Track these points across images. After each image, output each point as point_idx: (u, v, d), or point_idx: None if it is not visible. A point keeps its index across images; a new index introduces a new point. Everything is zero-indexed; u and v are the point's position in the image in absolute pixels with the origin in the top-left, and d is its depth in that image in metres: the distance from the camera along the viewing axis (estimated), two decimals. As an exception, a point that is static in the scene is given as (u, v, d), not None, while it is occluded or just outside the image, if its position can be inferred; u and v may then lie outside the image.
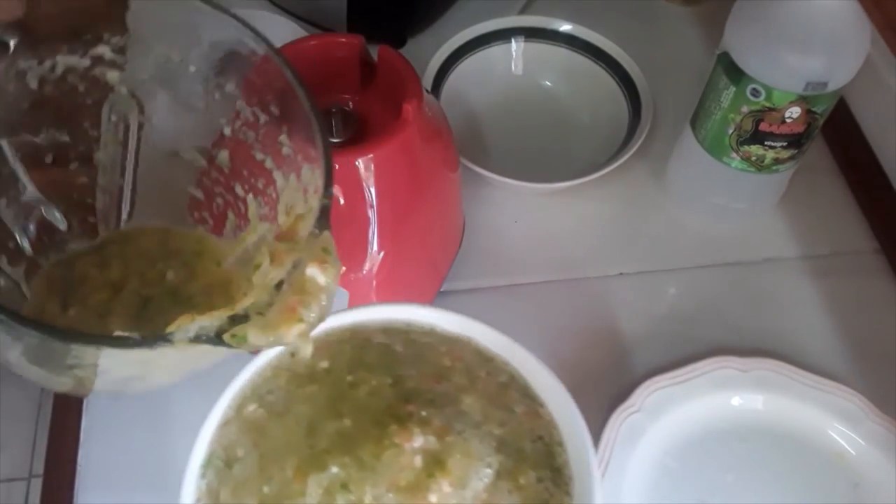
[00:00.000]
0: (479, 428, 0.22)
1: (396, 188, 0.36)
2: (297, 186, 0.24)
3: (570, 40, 0.50)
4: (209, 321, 0.19)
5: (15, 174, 0.28)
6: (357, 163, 0.34)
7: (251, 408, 0.23)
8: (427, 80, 0.47)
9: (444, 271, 0.42)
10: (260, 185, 0.28)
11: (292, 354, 0.23)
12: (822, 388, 0.39)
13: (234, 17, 0.26)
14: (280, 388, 0.23)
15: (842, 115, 0.50)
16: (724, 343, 0.41)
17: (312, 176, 0.23)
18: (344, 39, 0.38)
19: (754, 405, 0.39)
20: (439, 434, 0.21)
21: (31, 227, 0.29)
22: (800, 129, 0.40)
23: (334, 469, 0.21)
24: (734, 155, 0.42)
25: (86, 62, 0.27)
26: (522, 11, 0.54)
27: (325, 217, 0.21)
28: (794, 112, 0.39)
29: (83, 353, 0.20)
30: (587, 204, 0.47)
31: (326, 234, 0.21)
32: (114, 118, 0.29)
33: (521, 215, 0.46)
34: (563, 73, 0.51)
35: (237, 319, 0.19)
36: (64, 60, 0.27)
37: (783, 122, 0.39)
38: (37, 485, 0.85)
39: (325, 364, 0.24)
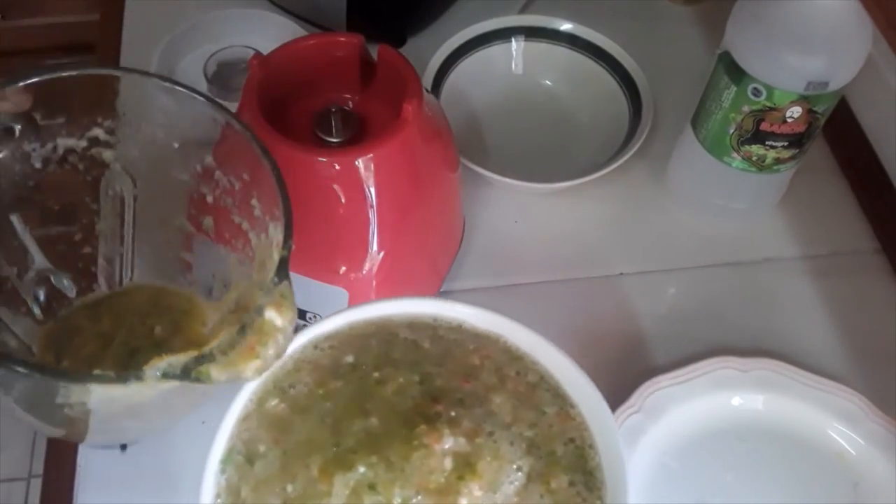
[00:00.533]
0: (510, 429, 0.22)
1: (396, 188, 0.36)
2: (267, 243, 0.26)
3: (570, 40, 0.50)
4: (177, 360, 0.21)
5: (25, 246, 0.31)
6: (357, 163, 0.34)
7: (273, 402, 0.22)
8: (427, 80, 0.47)
9: (444, 271, 0.42)
10: (239, 246, 0.30)
11: (315, 347, 0.23)
12: (822, 388, 0.39)
13: (203, 95, 0.29)
14: (303, 383, 0.23)
15: (843, 114, 0.50)
16: (724, 343, 0.41)
17: (275, 232, 0.25)
18: (344, 39, 0.38)
19: (754, 405, 0.39)
20: (469, 435, 0.21)
21: (42, 294, 0.32)
22: (801, 128, 0.40)
23: (361, 469, 0.20)
24: (735, 155, 0.42)
25: (83, 143, 0.30)
26: (522, 11, 0.54)
27: (283, 268, 0.23)
28: (796, 112, 0.39)
29: (68, 392, 0.22)
30: (587, 204, 0.47)
31: (285, 283, 0.22)
32: (111, 192, 0.31)
33: (521, 215, 0.46)
34: (564, 72, 0.51)
35: (203, 359, 0.21)
36: (63, 142, 0.30)
37: (784, 121, 0.39)
38: (36, 485, 0.85)
39: (350, 359, 0.23)
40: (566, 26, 0.50)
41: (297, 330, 0.22)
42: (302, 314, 0.37)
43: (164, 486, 0.36)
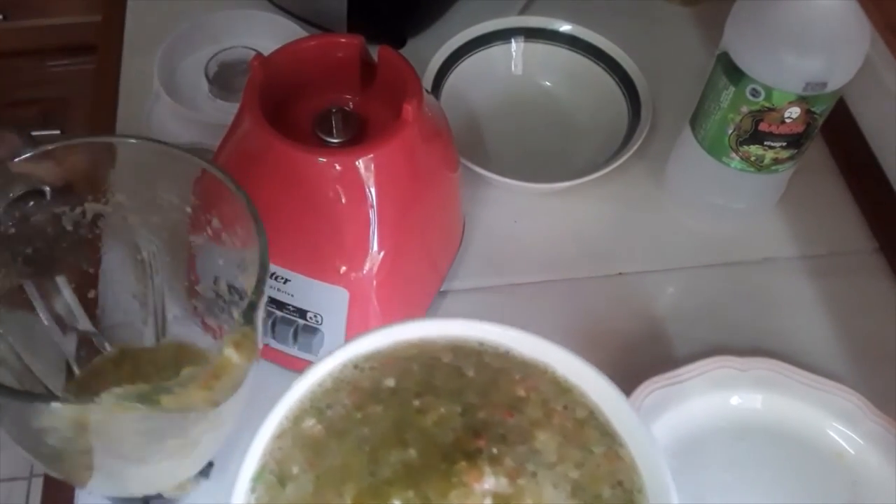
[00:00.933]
0: (554, 469, 0.21)
1: (397, 188, 0.36)
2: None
3: (570, 40, 0.50)
4: (135, 388, 0.22)
5: (70, 308, 0.33)
6: (357, 163, 0.35)
7: (309, 422, 0.21)
8: (427, 81, 0.48)
9: (444, 271, 0.43)
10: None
11: (355, 367, 0.22)
12: (820, 388, 0.39)
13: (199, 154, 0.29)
14: (341, 404, 0.22)
15: (841, 115, 0.50)
16: (723, 343, 0.41)
17: (252, 277, 0.26)
18: (344, 40, 0.38)
19: (753, 405, 0.39)
20: (511, 475, 0.20)
21: (83, 354, 0.33)
22: (799, 129, 0.40)
23: (397, 503, 0.19)
24: (733, 155, 0.42)
25: (109, 208, 0.31)
26: (522, 12, 0.54)
27: (250, 311, 0.24)
28: (794, 112, 0.39)
29: (37, 415, 0.23)
30: (587, 204, 0.47)
31: (249, 327, 0.23)
32: (139, 256, 0.33)
33: (521, 215, 0.47)
34: (563, 73, 0.51)
35: (160, 389, 0.22)
36: (91, 207, 0.31)
37: (782, 122, 0.39)
38: (37, 484, 0.85)
39: (391, 382, 0.22)
40: (566, 27, 0.50)
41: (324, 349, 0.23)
42: (303, 313, 0.37)
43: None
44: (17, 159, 0.28)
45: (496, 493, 0.20)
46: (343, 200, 0.35)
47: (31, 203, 0.29)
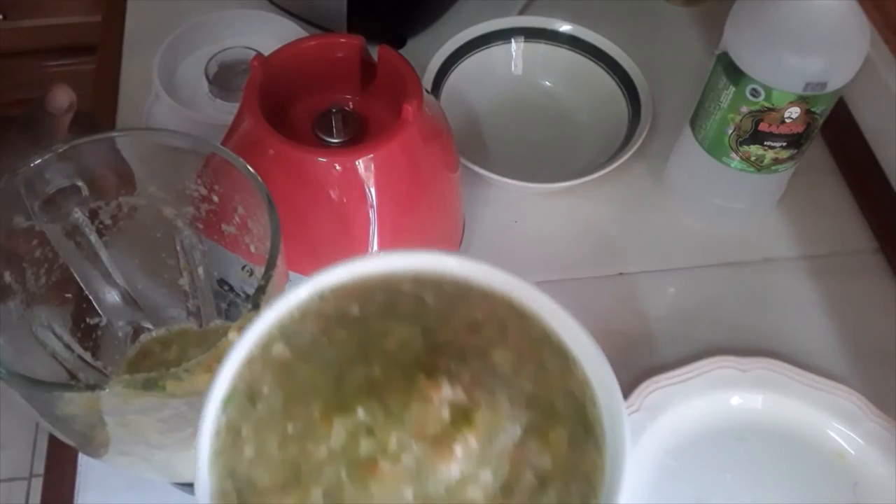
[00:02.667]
0: (509, 383, 0.22)
1: (396, 188, 0.36)
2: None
3: (569, 41, 0.50)
4: (143, 375, 0.23)
5: (118, 298, 0.33)
6: (357, 163, 0.35)
7: (278, 348, 0.22)
8: (427, 81, 0.48)
9: (444, 271, 0.42)
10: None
11: (320, 297, 0.23)
12: (821, 388, 0.39)
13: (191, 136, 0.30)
14: (308, 332, 0.23)
15: (841, 115, 0.50)
16: (723, 343, 0.41)
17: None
18: (344, 40, 0.38)
19: (753, 405, 0.39)
20: (468, 389, 0.21)
21: (129, 340, 0.34)
22: (799, 129, 0.40)
23: (360, 414, 0.20)
24: (733, 155, 0.42)
25: (142, 201, 0.31)
26: (522, 12, 0.54)
27: (258, 296, 0.25)
28: (794, 112, 0.39)
29: (55, 402, 0.24)
30: (587, 204, 0.47)
31: (255, 312, 0.24)
32: (178, 248, 0.33)
33: (521, 215, 0.47)
34: (563, 73, 0.51)
35: (167, 375, 0.23)
36: (126, 200, 0.32)
37: (782, 122, 0.39)
38: (37, 484, 0.85)
39: (355, 310, 0.23)
40: (565, 27, 0.50)
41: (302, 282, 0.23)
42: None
43: (165, 487, 0.36)
44: (47, 155, 0.28)
45: (454, 402, 0.21)
46: (343, 200, 0.35)
47: (69, 199, 0.30)
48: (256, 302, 0.25)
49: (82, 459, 0.38)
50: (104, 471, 0.37)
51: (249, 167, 0.28)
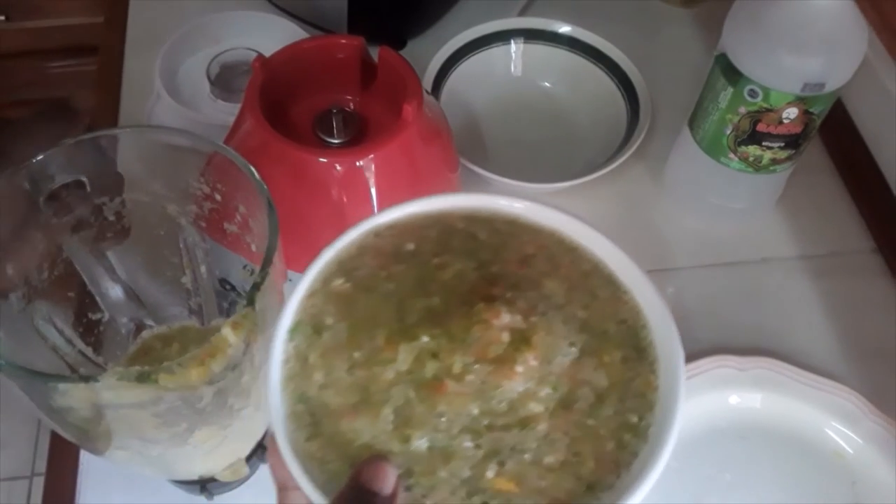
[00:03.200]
0: (563, 310, 0.23)
1: (397, 188, 0.36)
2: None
3: (569, 42, 0.50)
4: (137, 368, 0.24)
5: (120, 294, 0.34)
6: (358, 163, 0.35)
7: (338, 282, 0.23)
8: (427, 82, 0.48)
9: (443, 271, 0.43)
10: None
11: (376, 234, 0.24)
12: (819, 387, 0.39)
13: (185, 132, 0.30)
14: (366, 266, 0.23)
15: (839, 115, 0.50)
16: (722, 342, 0.41)
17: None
18: (344, 41, 0.38)
19: (752, 404, 0.39)
20: (525, 314, 0.22)
21: (132, 336, 0.35)
22: (797, 129, 0.40)
23: (424, 339, 0.21)
24: (732, 155, 0.42)
25: (146, 198, 0.32)
26: (522, 13, 0.54)
27: (254, 291, 0.25)
28: (792, 113, 0.39)
29: (51, 394, 0.24)
30: (586, 204, 0.47)
31: (250, 308, 0.25)
32: (181, 245, 0.33)
33: (521, 215, 0.47)
34: (563, 74, 0.51)
35: (160, 369, 0.24)
36: (130, 196, 0.32)
37: (780, 122, 0.39)
38: (39, 483, 0.85)
39: (410, 246, 0.24)
40: (565, 29, 0.51)
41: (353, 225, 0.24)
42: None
43: (166, 487, 0.37)
44: (51, 150, 0.28)
45: (512, 327, 0.22)
46: (343, 200, 0.35)
47: (72, 194, 0.30)
48: (252, 298, 0.25)
49: (84, 459, 0.38)
50: (105, 470, 0.37)
51: (249, 165, 0.29)
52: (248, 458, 0.33)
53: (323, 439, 0.21)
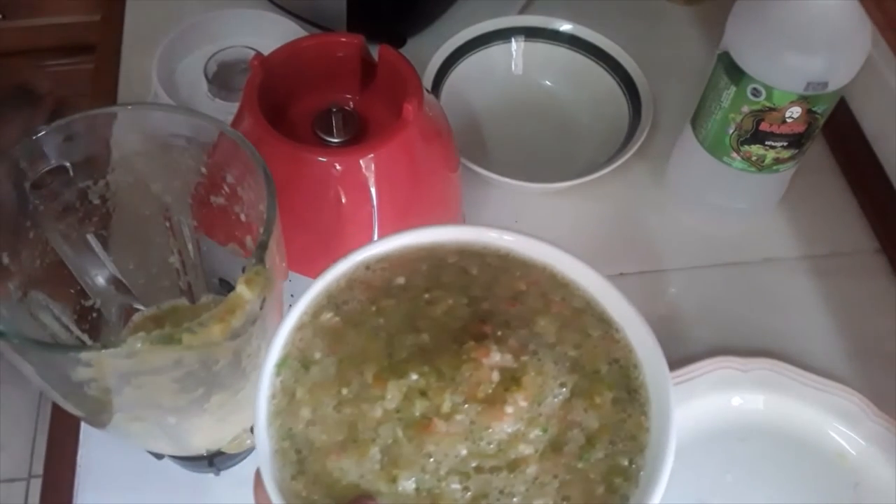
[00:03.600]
0: (554, 349, 0.23)
1: (397, 188, 0.36)
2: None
3: (570, 40, 0.50)
4: (163, 331, 0.24)
5: (111, 279, 0.33)
6: (357, 163, 0.34)
7: (327, 315, 0.23)
8: (427, 80, 0.47)
9: (444, 271, 0.42)
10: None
11: (367, 267, 0.24)
12: (822, 388, 0.39)
13: (186, 109, 0.31)
14: (356, 300, 0.23)
15: (842, 115, 0.50)
16: (724, 343, 0.41)
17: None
18: (344, 39, 0.38)
19: (754, 405, 0.39)
20: (515, 353, 0.22)
21: (122, 321, 0.35)
22: (800, 129, 0.40)
23: (413, 376, 0.21)
24: (735, 155, 0.42)
25: (130, 178, 0.31)
26: (522, 11, 0.54)
27: (261, 250, 0.26)
28: (795, 112, 0.39)
29: (72, 365, 0.24)
30: (587, 204, 0.47)
31: (260, 265, 0.25)
32: (167, 224, 0.33)
33: (522, 215, 0.46)
34: (564, 72, 0.51)
35: (182, 330, 0.24)
36: (114, 178, 0.31)
37: (784, 122, 0.39)
38: (36, 485, 0.85)
39: (401, 280, 0.24)
40: (566, 27, 0.50)
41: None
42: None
43: (164, 487, 0.36)
44: (36, 135, 0.28)
45: (503, 367, 0.21)
46: (343, 200, 0.35)
47: (56, 180, 0.30)
48: (261, 256, 0.26)
49: (81, 460, 0.38)
50: (103, 471, 0.37)
51: (238, 133, 0.29)
52: (252, 428, 0.33)
53: (309, 477, 0.20)
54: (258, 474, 0.21)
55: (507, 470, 0.20)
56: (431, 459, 0.20)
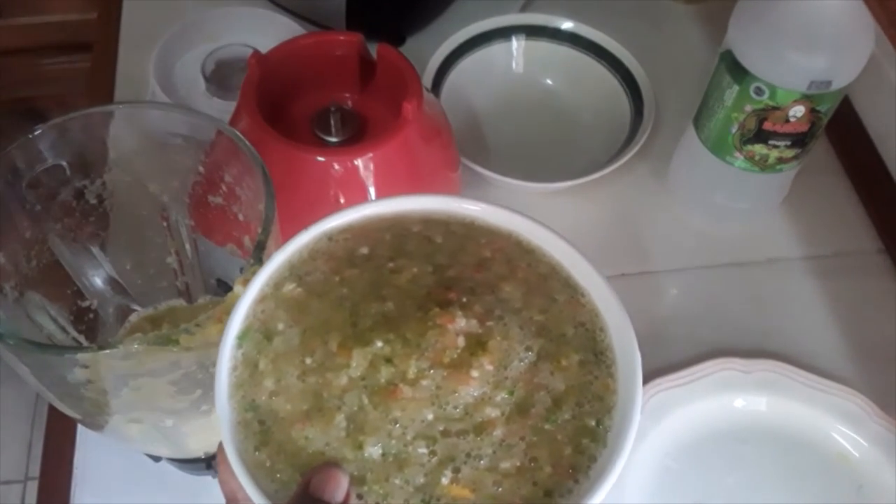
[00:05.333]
0: (520, 314, 0.22)
1: (396, 188, 0.36)
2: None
3: (571, 38, 0.50)
4: (160, 332, 0.24)
5: (108, 279, 0.33)
6: (356, 162, 0.34)
7: (290, 286, 0.23)
8: (427, 79, 0.47)
9: (444, 272, 0.42)
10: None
11: (329, 238, 0.24)
12: (825, 390, 0.38)
13: (184, 107, 0.31)
14: (319, 271, 0.23)
15: (846, 114, 0.49)
16: (726, 344, 0.40)
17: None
18: (343, 37, 0.38)
19: (757, 407, 0.38)
20: (480, 318, 0.22)
21: (119, 322, 0.35)
22: (803, 128, 0.39)
23: (378, 344, 0.21)
24: (737, 154, 0.42)
25: (127, 178, 0.31)
26: (523, 9, 0.53)
27: (259, 250, 0.26)
28: (798, 111, 0.38)
29: (69, 366, 0.24)
30: (589, 204, 0.47)
31: (258, 265, 0.25)
32: (165, 224, 0.33)
33: (522, 215, 0.46)
34: (565, 71, 0.50)
35: (179, 332, 0.24)
36: (110, 178, 0.31)
37: (787, 121, 0.39)
38: (33, 487, 0.85)
39: (364, 250, 0.24)
40: (567, 25, 0.50)
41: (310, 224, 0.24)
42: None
43: (161, 490, 0.36)
44: (32, 134, 0.28)
45: (468, 332, 0.21)
46: (342, 200, 0.35)
47: (52, 179, 0.30)
48: (259, 256, 0.26)
49: (78, 462, 0.37)
50: (99, 473, 0.37)
51: (236, 132, 0.28)
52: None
53: (273, 448, 0.20)
54: (221, 448, 0.20)
55: (474, 433, 0.20)
56: (397, 425, 0.20)
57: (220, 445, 0.20)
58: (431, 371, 0.21)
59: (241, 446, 0.20)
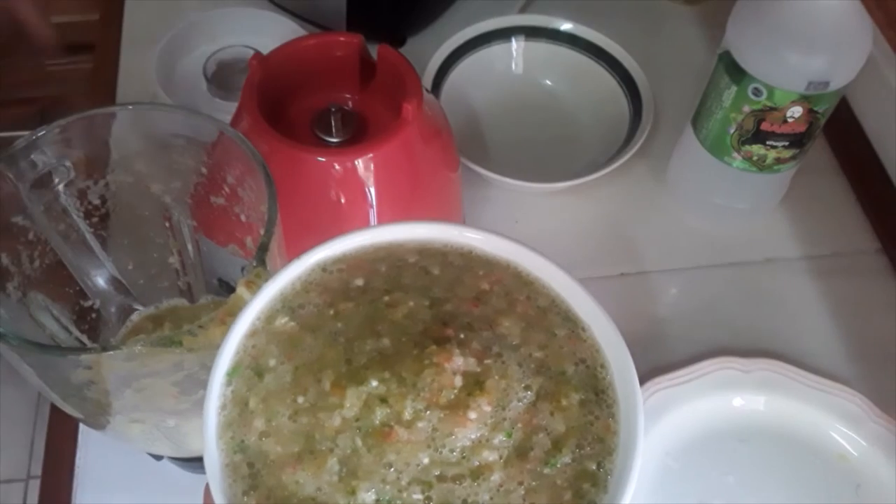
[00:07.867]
0: (518, 350, 0.22)
1: (396, 188, 0.36)
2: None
3: (570, 39, 0.50)
4: (161, 334, 0.24)
5: (111, 279, 0.33)
6: (356, 163, 0.34)
7: (282, 320, 0.22)
8: (427, 80, 0.47)
9: (444, 271, 0.42)
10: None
11: (323, 269, 0.23)
12: (823, 389, 0.38)
13: (185, 108, 0.31)
14: (312, 304, 0.22)
15: (844, 114, 0.50)
16: (725, 344, 0.41)
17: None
18: (343, 38, 0.38)
19: (756, 406, 0.39)
20: (478, 357, 0.21)
21: (121, 322, 0.35)
22: (801, 128, 0.40)
23: (374, 383, 0.20)
24: (735, 155, 0.42)
25: (129, 179, 0.31)
26: (523, 10, 0.53)
27: (262, 252, 0.26)
28: (796, 111, 0.38)
29: (72, 367, 0.24)
30: (588, 204, 0.47)
31: (261, 267, 0.25)
32: (167, 224, 0.33)
33: (521, 215, 0.46)
34: (564, 72, 0.50)
35: (183, 332, 0.24)
36: (113, 178, 0.31)
37: (785, 121, 0.39)
38: (35, 486, 0.85)
39: (359, 282, 0.23)
40: (566, 26, 0.50)
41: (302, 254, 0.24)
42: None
43: (163, 489, 0.36)
44: (35, 135, 0.28)
45: (465, 371, 0.21)
46: (342, 201, 0.35)
47: (55, 180, 0.30)
48: (262, 258, 0.25)
49: (80, 461, 0.37)
50: (101, 473, 0.37)
51: (239, 133, 0.28)
52: None
53: (262, 493, 0.20)
54: (207, 490, 0.20)
55: (471, 478, 0.20)
56: (392, 469, 0.20)
57: (207, 488, 0.20)
58: (427, 412, 0.20)
59: (230, 491, 0.20)
